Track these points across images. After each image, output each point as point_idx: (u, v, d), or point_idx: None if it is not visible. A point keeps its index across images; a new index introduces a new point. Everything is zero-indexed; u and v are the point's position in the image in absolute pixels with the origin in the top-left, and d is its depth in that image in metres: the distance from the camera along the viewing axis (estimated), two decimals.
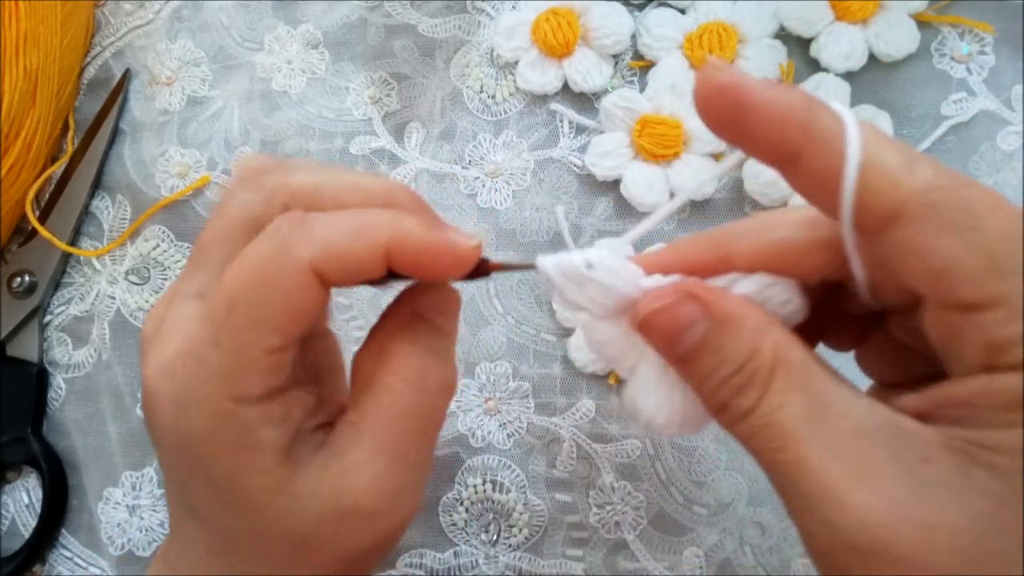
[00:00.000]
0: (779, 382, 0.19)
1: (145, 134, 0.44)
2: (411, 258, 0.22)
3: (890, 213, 0.18)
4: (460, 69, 0.42)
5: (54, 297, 0.44)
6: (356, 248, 0.22)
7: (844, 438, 0.19)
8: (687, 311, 0.21)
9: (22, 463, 0.42)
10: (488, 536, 0.37)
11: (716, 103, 0.19)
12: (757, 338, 0.20)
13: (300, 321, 0.22)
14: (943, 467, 0.18)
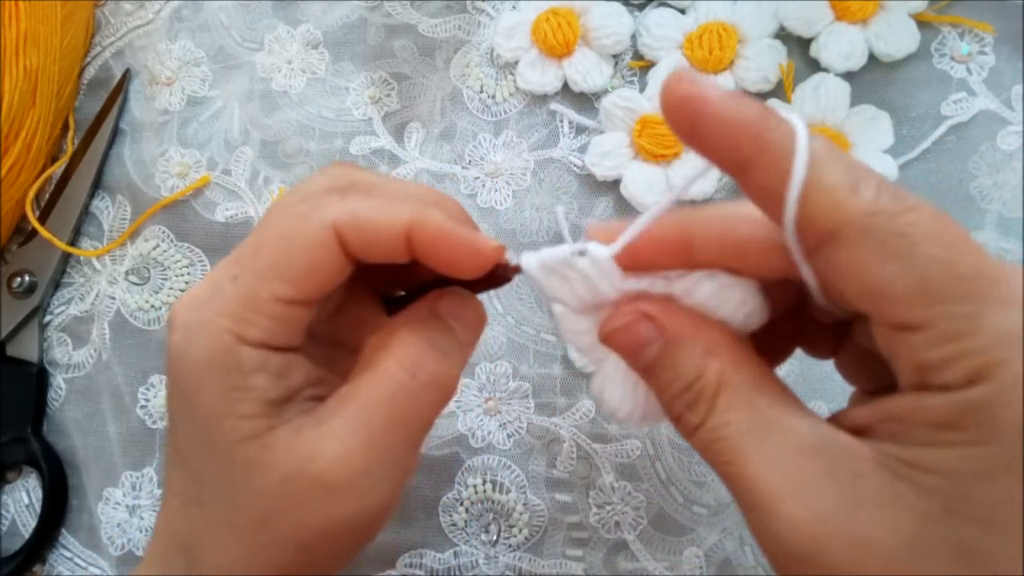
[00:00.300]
0: (723, 401, 0.21)
1: (145, 134, 0.44)
2: (430, 243, 0.23)
3: (829, 232, 0.19)
4: (460, 69, 0.42)
5: (54, 297, 0.44)
6: (378, 221, 0.23)
7: (784, 454, 0.20)
8: (644, 330, 0.22)
9: (22, 463, 0.42)
10: (488, 536, 0.37)
11: (678, 112, 0.20)
12: (705, 359, 0.21)
13: (315, 279, 0.23)
14: (874, 484, 0.18)
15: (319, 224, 0.23)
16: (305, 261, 0.23)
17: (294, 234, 0.23)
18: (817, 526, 0.18)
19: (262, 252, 0.23)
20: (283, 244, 0.23)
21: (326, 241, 0.23)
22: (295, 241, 0.23)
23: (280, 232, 0.23)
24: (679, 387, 0.22)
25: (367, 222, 0.23)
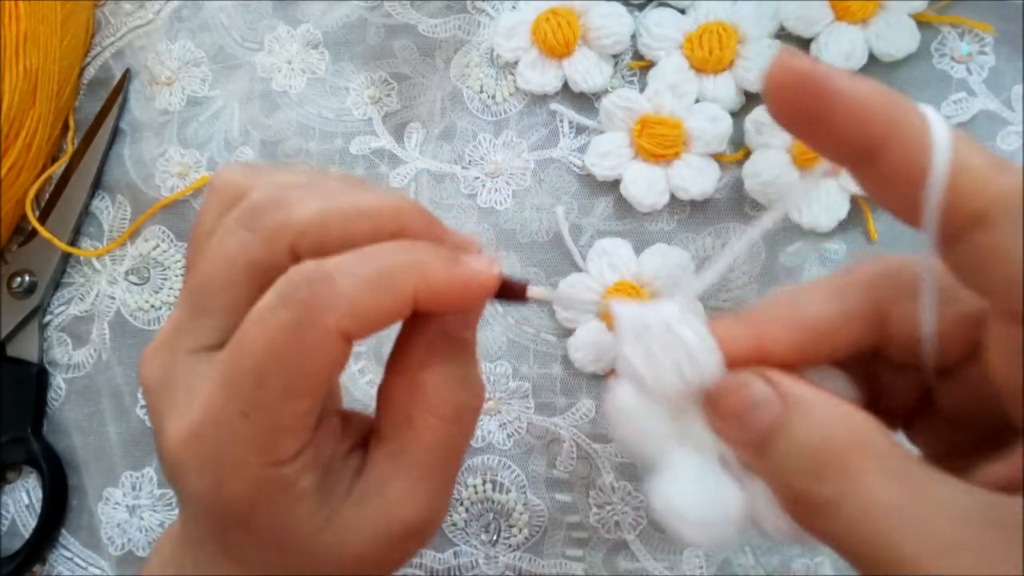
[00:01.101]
0: (862, 469, 0.17)
1: (145, 134, 0.44)
2: (438, 300, 0.22)
3: (976, 215, 0.17)
4: (460, 69, 0.42)
5: (54, 297, 0.44)
6: (383, 303, 0.21)
7: (946, 527, 0.17)
8: (761, 392, 0.19)
9: (22, 463, 0.42)
10: (488, 536, 0.37)
11: (794, 90, 0.18)
12: (834, 422, 0.18)
13: (329, 381, 0.22)
14: None
15: (322, 335, 0.20)
16: (317, 374, 0.21)
17: (297, 352, 0.20)
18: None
19: (267, 381, 0.21)
20: (288, 366, 0.21)
21: (333, 349, 0.21)
22: (301, 360, 0.21)
23: (278, 353, 0.21)
24: (804, 455, 0.18)
25: (372, 309, 0.21)
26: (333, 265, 0.21)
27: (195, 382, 0.22)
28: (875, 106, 0.17)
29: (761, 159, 0.37)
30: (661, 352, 0.20)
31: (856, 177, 0.19)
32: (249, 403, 0.21)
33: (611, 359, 0.37)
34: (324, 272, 0.21)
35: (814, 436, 0.18)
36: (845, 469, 0.17)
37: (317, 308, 0.20)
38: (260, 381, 0.21)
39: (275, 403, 0.21)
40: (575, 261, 0.39)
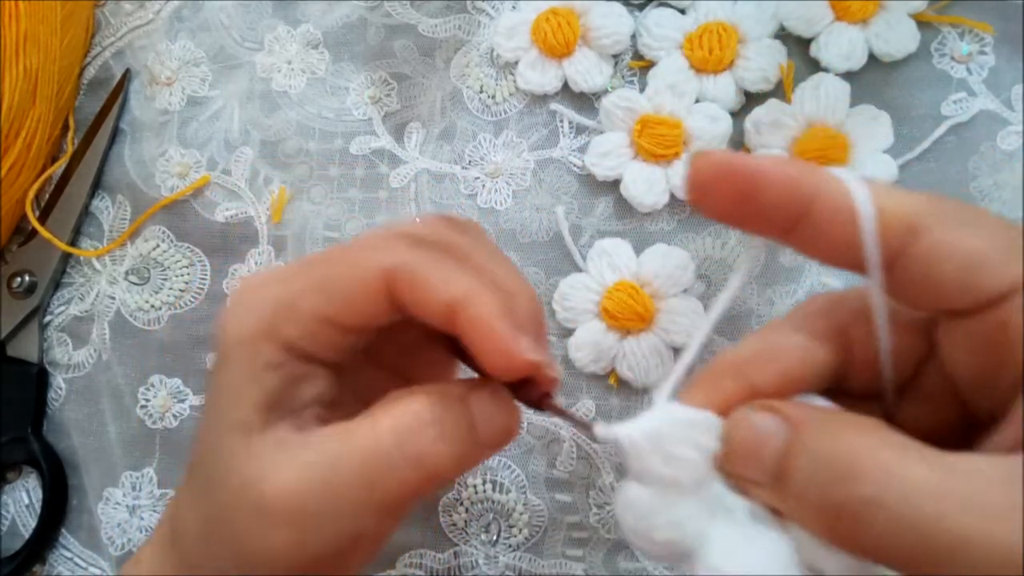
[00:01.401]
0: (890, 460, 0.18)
1: (145, 134, 0.44)
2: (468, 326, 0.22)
3: (908, 227, 0.19)
4: (460, 69, 0.42)
5: (54, 297, 0.44)
6: (429, 285, 0.23)
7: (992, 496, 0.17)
8: (766, 422, 0.20)
9: (22, 463, 0.42)
10: (488, 536, 0.37)
11: (723, 184, 0.20)
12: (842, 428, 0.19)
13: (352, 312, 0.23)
14: None
15: (372, 265, 0.23)
16: (346, 292, 0.23)
17: (348, 266, 0.23)
18: None
19: (315, 268, 0.24)
20: (335, 269, 0.23)
21: (372, 283, 0.23)
22: (346, 272, 0.23)
23: (341, 258, 0.24)
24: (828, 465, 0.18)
25: (419, 282, 0.23)
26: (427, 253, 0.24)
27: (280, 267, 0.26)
28: (797, 174, 0.20)
29: None
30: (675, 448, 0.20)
31: (786, 242, 0.21)
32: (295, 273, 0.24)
33: (611, 359, 0.37)
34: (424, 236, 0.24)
35: (832, 445, 0.18)
36: (875, 465, 0.17)
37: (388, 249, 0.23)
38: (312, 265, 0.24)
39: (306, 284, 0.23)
40: (575, 261, 0.39)
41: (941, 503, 0.17)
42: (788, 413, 0.20)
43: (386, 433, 0.22)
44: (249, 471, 0.22)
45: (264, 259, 0.42)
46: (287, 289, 0.24)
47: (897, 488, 0.17)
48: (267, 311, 0.23)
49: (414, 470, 0.22)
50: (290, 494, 0.22)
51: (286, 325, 0.23)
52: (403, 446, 0.22)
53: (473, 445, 0.23)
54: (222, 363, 0.24)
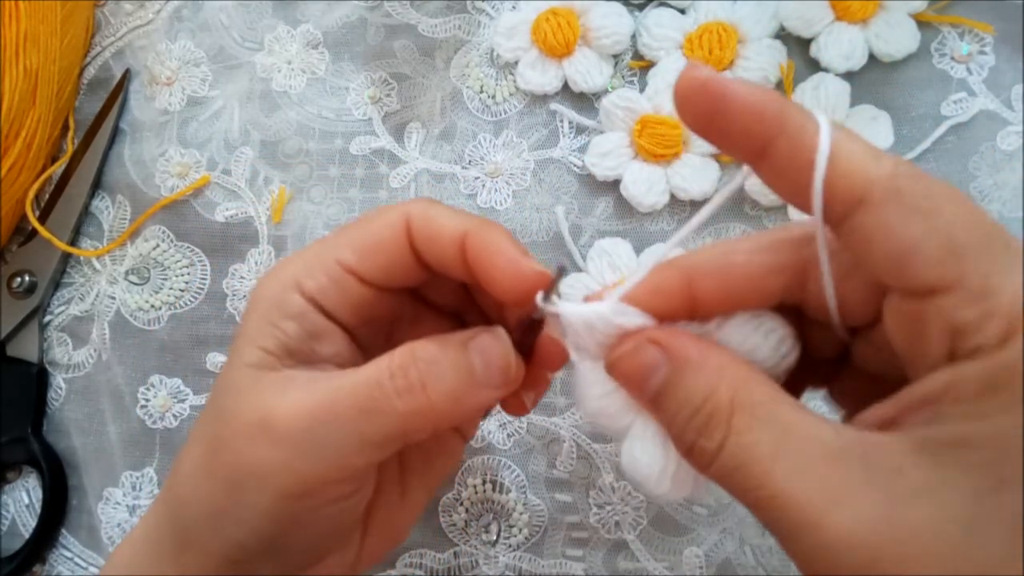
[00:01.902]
0: (740, 422, 0.20)
1: (145, 134, 0.44)
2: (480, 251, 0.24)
3: (857, 196, 0.19)
4: (460, 69, 0.42)
5: (54, 297, 0.44)
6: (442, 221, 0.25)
7: (814, 464, 0.19)
8: (650, 355, 0.22)
9: (22, 463, 0.42)
10: (488, 536, 0.37)
11: (697, 97, 0.20)
12: (714, 379, 0.21)
13: (377, 256, 0.26)
14: (916, 475, 0.18)
15: (396, 212, 0.26)
16: (373, 237, 0.26)
17: (374, 217, 0.26)
18: (863, 532, 0.17)
19: (347, 227, 0.27)
20: (361, 222, 0.26)
21: (396, 224, 0.25)
22: (372, 221, 0.26)
23: (368, 216, 0.27)
24: (688, 412, 0.21)
25: (433, 220, 0.25)
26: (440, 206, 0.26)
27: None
28: (764, 106, 0.20)
29: None
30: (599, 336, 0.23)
31: (754, 169, 0.21)
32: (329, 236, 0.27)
33: None
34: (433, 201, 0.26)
35: (697, 394, 0.21)
36: (726, 422, 0.20)
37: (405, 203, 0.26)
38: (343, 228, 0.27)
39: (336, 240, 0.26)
40: (575, 261, 0.39)
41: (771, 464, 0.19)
42: (673, 349, 0.22)
43: (383, 368, 0.24)
44: (257, 399, 0.24)
45: (264, 259, 0.42)
46: (318, 248, 0.26)
47: (735, 445, 0.20)
48: (296, 268, 0.26)
49: (405, 401, 0.23)
50: (290, 416, 0.23)
51: (310, 276, 0.25)
52: (396, 378, 0.24)
53: (470, 384, 0.24)
54: (247, 312, 0.26)
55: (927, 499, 0.17)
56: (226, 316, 0.42)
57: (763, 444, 0.19)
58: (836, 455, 0.19)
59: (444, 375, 0.24)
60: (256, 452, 0.24)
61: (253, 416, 0.24)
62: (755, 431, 0.20)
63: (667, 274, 0.23)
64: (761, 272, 0.22)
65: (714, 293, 0.22)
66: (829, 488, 0.18)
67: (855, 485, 0.18)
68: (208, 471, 0.25)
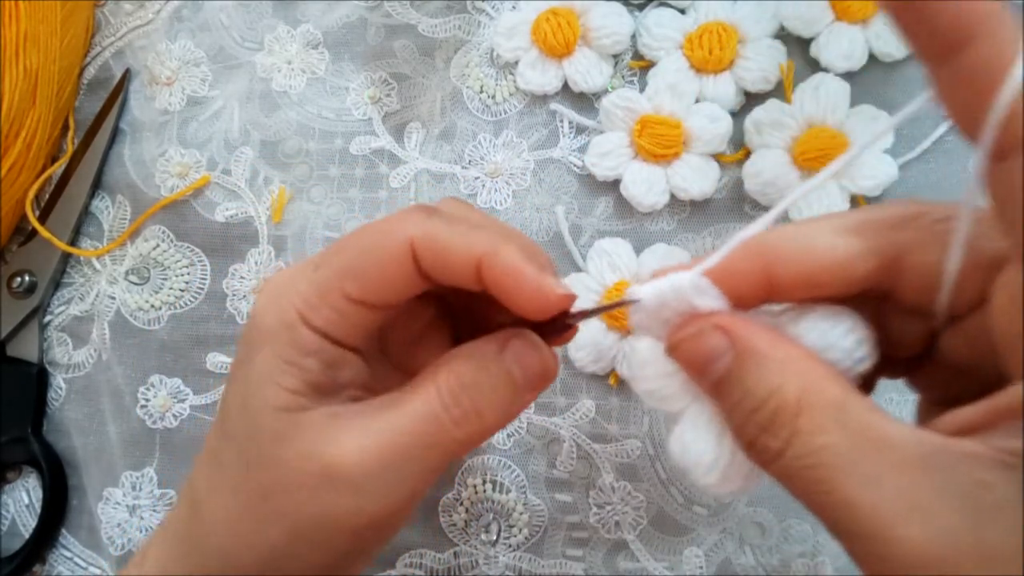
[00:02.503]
0: (808, 422, 0.19)
1: (145, 134, 0.44)
2: (499, 275, 0.23)
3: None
4: (460, 69, 0.42)
5: (54, 297, 0.44)
6: (454, 245, 0.24)
7: (892, 472, 0.18)
8: (714, 341, 0.21)
9: (22, 463, 0.42)
10: (488, 536, 0.37)
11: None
12: (781, 374, 0.19)
13: (383, 286, 0.24)
14: (1001, 489, 0.17)
15: (398, 237, 0.24)
16: (377, 267, 0.24)
17: (374, 242, 0.24)
18: (941, 547, 0.17)
19: (344, 252, 0.25)
20: (362, 248, 0.24)
21: (400, 253, 0.24)
22: (373, 248, 0.24)
23: (364, 239, 0.25)
24: (752, 404, 0.20)
25: (443, 244, 0.24)
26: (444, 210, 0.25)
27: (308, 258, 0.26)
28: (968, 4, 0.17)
29: (761, 159, 0.37)
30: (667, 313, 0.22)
31: (933, 74, 0.19)
32: (324, 260, 0.25)
33: (611, 359, 0.37)
34: (437, 209, 0.25)
35: (762, 387, 0.19)
36: (792, 421, 0.19)
37: (408, 220, 0.24)
38: (340, 250, 0.25)
39: (337, 268, 0.24)
40: (575, 261, 0.39)
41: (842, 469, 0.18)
42: (740, 338, 0.20)
43: (435, 400, 0.24)
44: (304, 445, 0.23)
45: (264, 259, 0.42)
46: (317, 277, 0.24)
47: (803, 448, 0.18)
48: (299, 299, 0.24)
49: (463, 429, 0.24)
50: (355, 463, 0.23)
51: (315, 311, 0.24)
52: (450, 409, 0.24)
53: (514, 393, 0.25)
54: (255, 350, 0.24)
55: (1011, 515, 0.16)
56: (226, 316, 0.42)
57: (835, 447, 0.18)
58: (916, 463, 0.17)
59: (492, 396, 0.24)
60: (321, 501, 0.23)
61: (311, 465, 0.23)
62: (827, 433, 0.18)
63: (745, 255, 0.21)
64: (847, 258, 0.20)
65: (793, 279, 0.21)
66: (907, 498, 0.17)
67: (936, 497, 0.17)
68: (260, 521, 0.24)
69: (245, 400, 0.24)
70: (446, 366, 0.24)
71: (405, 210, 0.25)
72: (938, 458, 0.17)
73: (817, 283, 0.21)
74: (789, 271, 0.21)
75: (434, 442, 0.24)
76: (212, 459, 0.25)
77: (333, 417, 0.24)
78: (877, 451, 0.18)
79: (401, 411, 0.24)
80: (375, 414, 0.24)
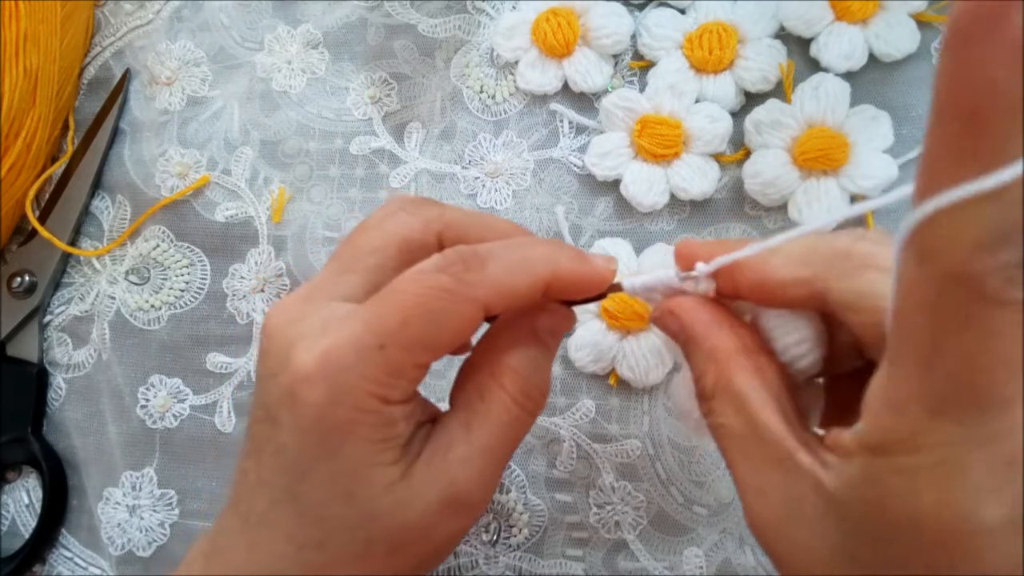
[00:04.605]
0: (718, 404, 0.23)
1: (145, 134, 0.44)
2: (567, 288, 0.26)
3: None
4: (460, 69, 0.42)
5: (54, 297, 0.44)
6: (521, 285, 0.25)
7: (756, 458, 0.22)
8: (670, 323, 0.25)
9: (22, 463, 0.42)
10: (488, 536, 0.37)
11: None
12: (707, 360, 0.24)
13: (456, 345, 0.25)
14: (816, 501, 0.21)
15: (470, 304, 0.24)
16: (453, 336, 0.24)
17: (443, 311, 0.24)
18: (771, 528, 0.22)
19: (411, 326, 0.23)
20: (432, 319, 0.24)
21: (475, 318, 0.24)
22: (445, 319, 0.24)
23: (429, 307, 0.24)
24: (693, 378, 0.24)
25: (513, 289, 0.25)
26: (486, 250, 0.25)
27: (334, 320, 0.24)
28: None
29: (761, 159, 0.37)
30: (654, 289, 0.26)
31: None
32: (390, 338, 0.23)
33: (611, 359, 0.37)
34: (479, 254, 0.25)
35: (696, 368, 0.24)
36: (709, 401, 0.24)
37: (469, 280, 0.24)
38: (405, 324, 0.23)
39: (409, 345, 0.24)
40: None
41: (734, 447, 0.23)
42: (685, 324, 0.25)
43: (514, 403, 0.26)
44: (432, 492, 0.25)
45: (264, 259, 0.42)
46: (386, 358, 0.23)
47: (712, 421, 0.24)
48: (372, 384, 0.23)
49: (536, 413, 0.27)
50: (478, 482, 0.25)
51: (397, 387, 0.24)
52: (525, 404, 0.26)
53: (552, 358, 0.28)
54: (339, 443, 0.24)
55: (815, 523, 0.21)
56: (226, 316, 0.42)
57: (730, 427, 0.23)
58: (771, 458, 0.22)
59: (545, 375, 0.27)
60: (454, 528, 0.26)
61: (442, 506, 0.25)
62: (727, 416, 0.23)
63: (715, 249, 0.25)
64: (787, 282, 0.23)
65: (752, 290, 0.24)
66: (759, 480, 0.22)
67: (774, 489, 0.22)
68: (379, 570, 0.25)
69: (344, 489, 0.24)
70: (504, 367, 0.26)
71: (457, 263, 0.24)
72: (784, 463, 0.22)
73: (768, 298, 0.24)
74: (750, 282, 0.24)
75: (519, 435, 0.27)
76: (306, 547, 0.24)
77: (430, 462, 0.25)
78: (753, 440, 0.23)
79: (490, 426, 0.26)
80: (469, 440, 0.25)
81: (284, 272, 0.41)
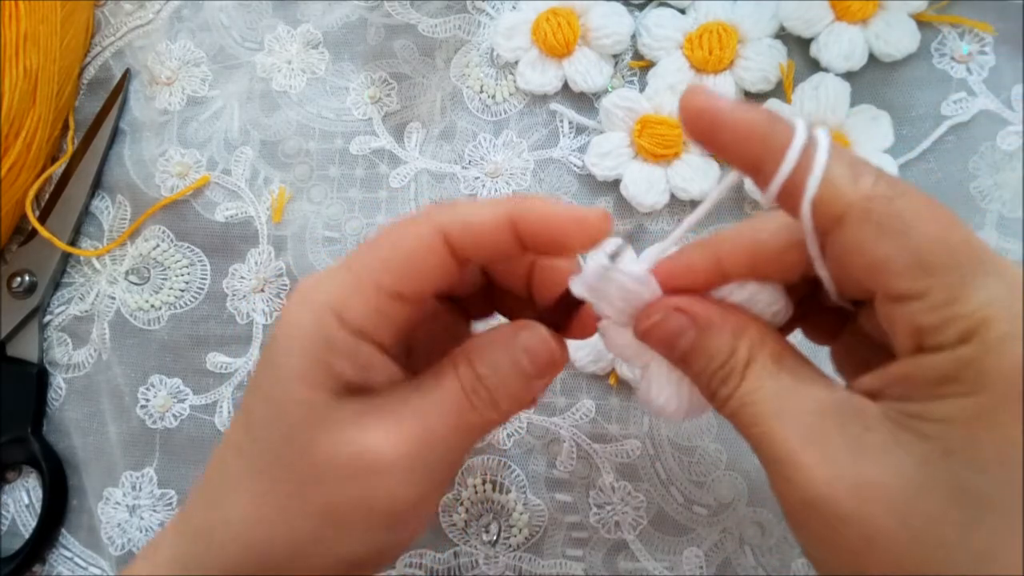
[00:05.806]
0: (752, 373, 0.24)
1: (145, 134, 0.44)
2: (535, 224, 0.24)
3: (835, 218, 0.22)
4: (460, 69, 0.42)
5: (54, 297, 0.44)
6: (482, 215, 0.25)
7: (803, 414, 0.23)
8: (677, 322, 0.25)
9: (22, 463, 0.42)
10: (488, 536, 0.37)
11: (696, 123, 0.23)
12: (735, 339, 0.24)
13: (418, 275, 0.25)
14: (879, 434, 0.21)
15: (428, 227, 0.25)
16: (411, 256, 0.24)
17: (405, 233, 0.25)
18: (827, 470, 0.21)
19: (376, 249, 0.25)
20: (393, 242, 0.25)
21: (433, 242, 0.24)
22: (405, 239, 0.25)
23: (393, 234, 0.25)
24: (714, 368, 0.24)
25: (472, 218, 0.25)
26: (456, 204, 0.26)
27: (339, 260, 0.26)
28: (753, 131, 0.22)
29: None
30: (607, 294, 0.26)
31: (755, 184, 0.23)
32: (355, 259, 0.25)
33: (611, 359, 0.37)
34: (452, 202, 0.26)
35: (722, 352, 0.24)
36: (742, 373, 0.24)
37: (432, 212, 0.25)
38: (371, 248, 0.25)
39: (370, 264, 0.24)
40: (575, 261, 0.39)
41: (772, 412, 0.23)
42: (698, 315, 0.25)
43: (456, 387, 0.25)
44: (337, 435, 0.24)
45: (264, 259, 0.42)
46: (350, 276, 0.25)
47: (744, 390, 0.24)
48: (333, 298, 0.24)
49: (483, 415, 0.25)
50: (388, 447, 0.24)
51: (354, 307, 0.24)
52: (471, 396, 0.25)
53: (526, 383, 0.26)
54: (285, 350, 0.24)
55: (884, 455, 0.21)
56: (226, 316, 0.42)
57: (767, 391, 0.23)
58: (823, 409, 0.22)
59: (506, 385, 0.25)
60: (356, 489, 0.24)
61: (344, 454, 0.24)
62: (763, 380, 0.23)
63: (698, 253, 0.26)
64: (780, 248, 0.24)
65: (742, 267, 0.25)
66: (810, 433, 0.22)
67: (830, 434, 0.22)
68: (290, 512, 0.24)
69: (274, 397, 0.25)
70: (463, 355, 0.26)
71: (423, 208, 0.26)
72: (842, 407, 0.22)
73: (762, 269, 0.25)
74: (739, 260, 0.25)
75: (458, 426, 0.25)
76: (235, 454, 0.25)
77: (361, 408, 0.24)
78: (795, 395, 0.23)
79: (428, 399, 0.25)
80: (402, 403, 0.25)
81: (284, 272, 0.41)
